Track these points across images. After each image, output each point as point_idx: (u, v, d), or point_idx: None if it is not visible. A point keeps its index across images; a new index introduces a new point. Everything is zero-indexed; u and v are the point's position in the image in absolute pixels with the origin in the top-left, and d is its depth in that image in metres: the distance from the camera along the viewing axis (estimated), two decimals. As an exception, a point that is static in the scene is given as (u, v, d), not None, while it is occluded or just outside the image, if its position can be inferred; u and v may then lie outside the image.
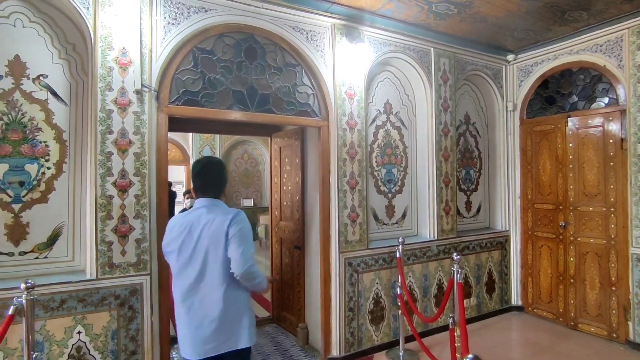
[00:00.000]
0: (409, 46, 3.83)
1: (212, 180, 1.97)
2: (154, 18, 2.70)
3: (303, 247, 3.85)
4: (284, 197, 4.20)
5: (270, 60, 3.16)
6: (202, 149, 10.15)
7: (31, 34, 2.52)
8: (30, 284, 2.02)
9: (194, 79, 2.84)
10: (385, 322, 3.63)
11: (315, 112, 3.37)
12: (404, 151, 4.08)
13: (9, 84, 2.45)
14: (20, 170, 2.47)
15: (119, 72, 2.55)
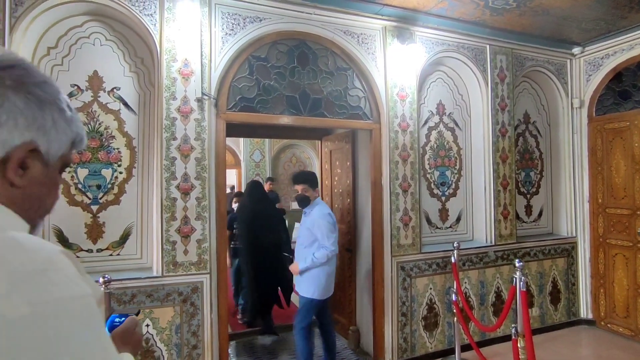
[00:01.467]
0: (462, 44, 3.71)
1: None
2: (213, 30, 2.85)
3: (354, 249, 3.85)
4: (335, 200, 4.23)
5: (322, 65, 3.21)
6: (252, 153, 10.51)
7: (107, 51, 2.77)
8: (107, 278, 2.22)
9: (250, 85, 2.96)
10: (439, 329, 3.52)
11: (367, 115, 3.36)
12: (458, 153, 3.94)
13: (88, 97, 2.72)
14: (98, 174, 2.72)
15: (182, 82, 2.73)
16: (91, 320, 0.49)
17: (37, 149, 0.58)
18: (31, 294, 0.44)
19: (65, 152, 0.62)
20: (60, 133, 0.60)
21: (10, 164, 0.55)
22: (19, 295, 0.43)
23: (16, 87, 0.55)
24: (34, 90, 0.57)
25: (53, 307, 0.45)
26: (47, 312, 0.44)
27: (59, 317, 0.45)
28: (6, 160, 0.55)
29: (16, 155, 0.55)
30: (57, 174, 0.63)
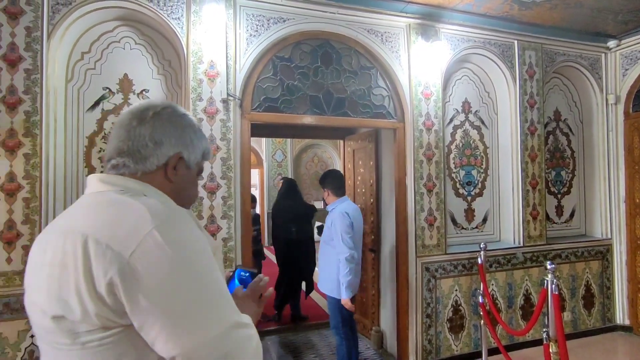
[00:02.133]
0: (489, 41, 3.61)
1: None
2: (238, 31, 2.89)
3: (378, 250, 3.82)
4: (358, 200, 4.21)
5: (346, 64, 3.20)
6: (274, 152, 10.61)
7: (136, 55, 2.86)
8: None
9: (274, 86, 2.98)
10: (465, 332, 3.44)
11: (391, 114, 3.33)
12: (484, 152, 3.85)
13: (119, 99, 2.81)
14: (128, 174, 2.81)
15: (208, 84, 2.78)
16: (205, 255, 0.73)
17: (182, 158, 0.87)
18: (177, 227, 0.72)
19: (199, 160, 0.92)
20: (195, 147, 0.90)
21: (168, 167, 0.85)
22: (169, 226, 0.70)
23: (169, 119, 0.86)
24: (177, 120, 0.88)
25: (184, 235, 0.72)
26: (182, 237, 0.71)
27: (187, 247, 0.70)
28: (166, 165, 0.85)
29: (171, 162, 0.85)
30: (195, 176, 0.93)
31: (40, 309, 0.71)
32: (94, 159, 2.76)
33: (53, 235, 0.74)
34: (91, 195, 0.79)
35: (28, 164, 2.45)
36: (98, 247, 0.65)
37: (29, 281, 0.77)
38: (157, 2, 2.71)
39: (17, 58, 2.46)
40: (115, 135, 0.84)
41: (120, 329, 0.66)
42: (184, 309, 0.66)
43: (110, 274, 0.63)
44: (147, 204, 0.72)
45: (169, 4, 2.74)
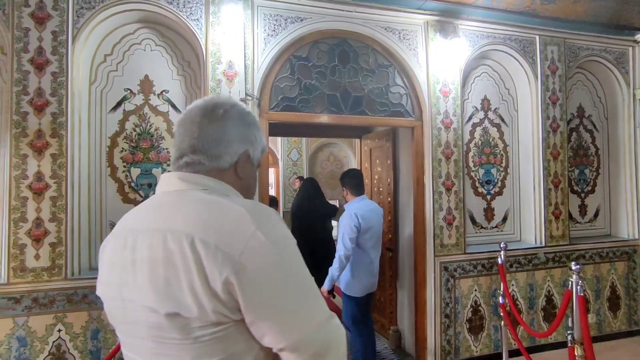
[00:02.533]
0: (509, 36, 3.54)
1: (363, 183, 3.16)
2: (255, 32, 2.91)
3: (395, 249, 3.79)
4: (375, 199, 4.19)
5: (363, 63, 3.19)
6: (289, 152, 10.64)
7: (156, 56, 2.91)
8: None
9: (291, 85, 3.00)
10: (484, 333, 3.39)
11: (409, 112, 3.30)
12: (504, 150, 3.78)
13: (140, 100, 2.87)
14: (149, 174, 2.87)
15: (226, 84, 2.81)
16: (298, 251, 0.77)
17: (249, 155, 0.89)
18: (276, 227, 0.75)
19: (260, 156, 0.94)
20: (258, 144, 0.92)
21: (239, 164, 0.87)
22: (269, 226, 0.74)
23: (238, 117, 0.88)
24: (244, 118, 0.90)
25: (283, 234, 0.75)
26: (282, 236, 0.75)
27: (287, 245, 0.74)
28: (237, 163, 0.87)
29: (241, 159, 0.88)
30: (256, 172, 0.96)
31: (143, 306, 0.73)
32: (116, 158, 2.82)
33: (141, 233, 0.76)
34: (174, 193, 0.80)
35: (55, 163, 2.53)
36: (208, 248, 0.68)
37: (114, 278, 0.79)
38: (177, 3, 2.76)
39: (44, 61, 2.53)
40: (185, 131, 0.85)
41: (231, 323, 0.70)
42: (292, 304, 0.71)
43: (226, 274, 0.67)
44: (243, 205, 0.74)
45: (188, 5, 2.78)
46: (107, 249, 0.84)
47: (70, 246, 2.54)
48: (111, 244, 0.83)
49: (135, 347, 0.78)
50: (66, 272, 2.52)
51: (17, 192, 2.47)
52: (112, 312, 0.81)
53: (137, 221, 0.81)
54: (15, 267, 2.44)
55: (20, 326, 2.44)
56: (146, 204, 0.84)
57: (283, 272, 0.71)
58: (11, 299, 2.42)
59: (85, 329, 2.55)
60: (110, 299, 0.80)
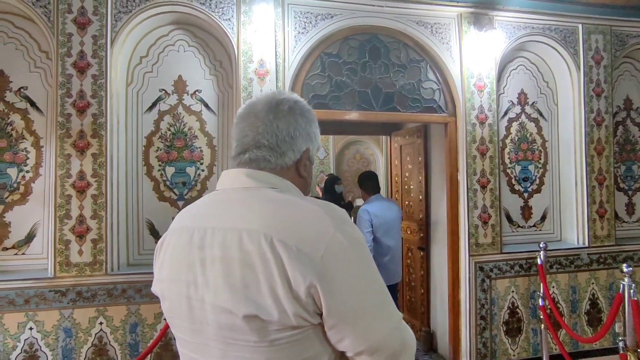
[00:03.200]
0: (549, 26, 3.38)
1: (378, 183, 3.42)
2: (286, 30, 2.91)
3: (427, 248, 3.71)
4: (406, 197, 4.11)
5: (394, 58, 3.13)
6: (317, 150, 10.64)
7: (189, 57, 2.97)
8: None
9: (322, 82, 2.98)
10: (523, 336, 3.26)
11: (441, 108, 3.22)
12: (542, 145, 3.61)
13: (174, 100, 2.93)
14: (183, 172, 2.93)
15: (258, 82, 2.83)
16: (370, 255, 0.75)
17: (310, 152, 0.88)
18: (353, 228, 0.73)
19: (315, 154, 0.92)
20: (316, 142, 0.90)
21: (301, 162, 0.86)
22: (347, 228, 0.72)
23: (301, 114, 0.85)
24: (307, 114, 0.87)
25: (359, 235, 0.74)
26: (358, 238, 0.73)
27: (363, 247, 0.73)
28: (299, 161, 0.85)
29: (303, 157, 0.86)
30: (312, 170, 0.94)
31: (215, 306, 0.71)
32: (151, 157, 2.90)
33: (210, 230, 0.74)
34: (242, 190, 0.78)
35: (95, 163, 2.63)
36: (289, 251, 0.66)
37: (178, 276, 0.77)
38: (209, 4, 2.80)
39: (85, 65, 2.64)
40: (249, 126, 0.82)
41: (309, 326, 0.68)
42: (373, 307, 0.70)
43: (310, 278, 0.65)
44: (319, 205, 0.73)
45: (220, 5, 2.81)
46: (166, 246, 0.82)
47: (110, 243, 2.64)
48: (173, 241, 0.81)
49: (199, 348, 0.76)
50: (106, 267, 2.61)
51: (62, 190, 2.58)
52: (174, 311, 0.79)
53: (202, 218, 0.78)
54: (60, 262, 2.55)
55: (66, 318, 2.55)
56: (210, 201, 0.83)
57: (363, 275, 0.70)
58: (58, 292, 2.54)
59: (125, 323, 2.64)
60: (173, 297, 0.78)
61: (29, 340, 2.52)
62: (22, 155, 2.75)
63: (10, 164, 2.73)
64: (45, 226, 2.73)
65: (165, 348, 2.67)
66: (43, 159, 2.76)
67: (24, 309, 2.50)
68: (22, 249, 2.74)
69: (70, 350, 2.57)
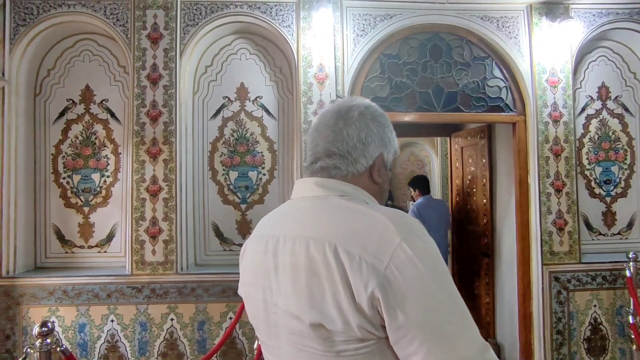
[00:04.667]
0: (638, 10, 3.04)
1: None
2: (345, 33, 2.90)
3: (492, 255, 3.50)
4: (468, 200, 3.92)
5: (457, 57, 2.99)
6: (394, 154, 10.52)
7: (251, 64, 3.07)
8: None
9: (382, 84, 2.93)
10: (608, 356, 2.95)
11: (509, 107, 3.02)
12: (628, 144, 3.26)
13: (237, 107, 3.04)
14: (245, 176, 3.03)
15: (318, 87, 2.85)
16: (445, 266, 0.70)
17: (384, 158, 0.84)
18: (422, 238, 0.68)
19: (391, 159, 0.88)
20: (391, 146, 0.86)
21: (374, 168, 0.83)
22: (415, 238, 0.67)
23: (372, 119, 0.83)
24: (379, 119, 0.85)
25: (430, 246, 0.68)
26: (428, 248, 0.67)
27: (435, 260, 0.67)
28: (372, 167, 0.82)
29: (377, 163, 0.83)
30: (389, 176, 0.90)
31: (286, 311, 0.72)
32: (216, 162, 3.03)
33: (282, 238, 0.76)
34: (312, 199, 0.79)
35: (166, 168, 2.80)
36: (352, 259, 0.65)
37: (257, 280, 0.80)
38: (270, 12, 2.87)
39: (157, 76, 2.82)
40: (320, 135, 0.83)
41: (375, 340, 0.66)
42: (443, 326, 0.63)
43: (371, 288, 0.63)
44: (385, 214, 0.70)
45: (280, 13, 2.88)
46: (247, 252, 0.86)
47: (179, 243, 2.79)
48: (251, 247, 0.85)
49: (274, 351, 0.79)
50: (177, 267, 2.77)
51: (137, 194, 2.78)
52: (254, 314, 0.83)
53: (276, 226, 0.81)
54: (137, 261, 2.75)
55: (142, 313, 2.74)
56: (284, 209, 0.85)
57: (431, 289, 0.64)
58: (134, 288, 2.73)
59: (193, 320, 2.77)
60: (253, 300, 0.82)
61: (110, 331, 2.74)
62: (104, 162, 3.00)
63: (94, 169, 3.00)
64: (123, 227, 2.96)
65: (231, 345, 2.76)
66: (121, 164, 3.00)
67: (106, 303, 2.73)
68: (104, 247, 2.99)
69: (145, 343, 2.75)
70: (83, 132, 3.00)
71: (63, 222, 2.98)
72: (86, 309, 2.73)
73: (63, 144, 2.99)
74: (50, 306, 2.71)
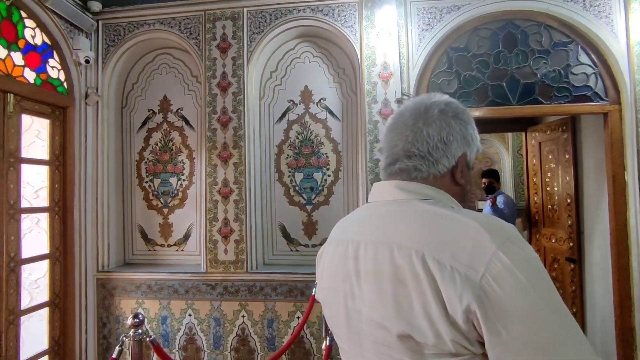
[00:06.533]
0: None
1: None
2: (409, 28, 2.81)
3: (580, 260, 3.17)
4: (548, 200, 3.60)
5: (534, 44, 2.75)
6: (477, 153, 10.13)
7: (314, 67, 3.10)
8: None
9: (449, 79, 2.79)
10: None
11: (599, 95, 2.71)
12: None
13: (301, 110, 3.09)
14: (310, 178, 3.06)
15: (382, 85, 2.79)
16: (548, 275, 0.64)
17: (467, 157, 0.80)
18: (519, 246, 0.62)
19: (474, 158, 0.82)
20: (474, 144, 0.81)
21: (457, 169, 0.78)
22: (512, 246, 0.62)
23: (454, 116, 0.79)
24: (461, 116, 0.80)
25: (530, 254, 0.62)
26: (528, 257, 0.62)
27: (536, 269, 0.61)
28: (454, 168, 0.78)
29: (460, 163, 0.78)
30: (471, 176, 0.84)
31: (371, 319, 0.70)
32: (282, 164, 3.10)
33: (363, 244, 0.74)
34: (394, 203, 0.76)
35: (236, 171, 2.93)
36: (442, 269, 0.61)
37: (337, 286, 0.78)
38: (332, 14, 2.87)
39: (227, 84, 2.96)
40: (398, 136, 0.79)
41: (469, 356, 0.62)
42: (550, 343, 0.57)
43: (467, 301, 0.58)
44: (476, 219, 0.65)
45: (342, 14, 2.87)
46: (325, 257, 0.85)
47: (249, 243, 2.90)
48: (330, 252, 0.83)
49: (355, 357, 0.77)
50: (247, 266, 2.88)
51: (210, 196, 2.94)
52: (334, 320, 0.81)
53: (356, 231, 0.78)
54: (210, 259, 2.90)
55: (216, 309, 2.89)
56: (363, 214, 0.82)
57: (535, 302, 0.58)
58: (209, 285, 2.89)
59: (263, 318, 2.86)
60: (333, 306, 0.80)
61: (188, 324, 2.93)
62: (180, 166, 3.22)
63: (171, 174, 3.23)
64: (198, 227, 3.15)
65: (298, 345, 2.81)
66: (195, 168, 3.20)
67: (184, 298, 2.92)
68: (181, 246, 3.20)
69: (219, 337, 2.90)
70: (162, 139, 3.25)
71: (146, 223, 3.25)
72: (167, 302, 2.95)
73: (145, 150, 3.26)
74: (138, 299, 2.97)
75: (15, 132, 2.48)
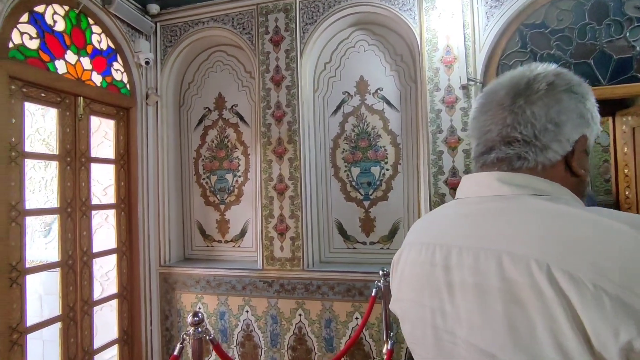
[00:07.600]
0: None
1: None
2: (475, 7, 2.55)
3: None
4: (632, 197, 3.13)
5: (631, 11, 2.37)
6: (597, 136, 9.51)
7: (370, 56, 2.93)
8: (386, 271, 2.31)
9: (522, 60, 2.50)
10: None
11: None
12: None
13: (357, 101, 2.95)
14: (368, 172, 2.92)
15: (445, 71, 2.56)
16: None
17: (586, 140, 0.63)
18: None
19: (593, 142, 0.66)
20: (595, 124, 0.64)
21: (574, 156, 0.63)
22: None
23: (567, 90, 0.63)
24: (577, 89, 0.63)
25: None
26: None
27: None
28: (570, 154, 0.62)
29: (577, 148, 0.63)
30: (589, 164, 0.67)
31: (471, 344, 0.57)
32: (338, 159, 2.99)
33: (456, 249, 0.61)
34: (495, 199, 0.62)
35: (291, 166, 2.86)
36: (580, 287, 0.46)
37: (421, 299, 0.65)
38: (389, -2, 2.69)
39: (280, 78, 2.90)
40: (491, 119, 0.66)
41: None
42: None
43: (627, 336, 0.44)
44: (625, 221, 0.50)
45: (400, -3, 2.68)
46: (403, 262, 0.72)
47: (305, 241, 2.83)
48: (410, 258, 0.69)
49: None
50: (303, 263, 2.81)
51: (265, 192, 2.91)
52: (417, 338, 0.68)
53: (444, 233, 0.65)
54: (267, 256, 2.87)
55: (272, 306, 2.86)
56: (452, 212, 0.67)
57: None
58: (265, 282, 2.87)
59: (320, 317, 2.78)
60: (416, 322, 0.67)
61: (246, 321, 2.93)
62: (236, 163, 3.23)
63: (227, 170, 3.25)
64: (254, 224, 3.14)
65: (358, 347, 2.69)
66: (250, 165, 3.19)
67: (242, 294, 2.92)
68: (237, 242, 3.22)
69: (276, 335, 2.86)
70: (217, 137, 3.28)
71: (204, 219, 3.30)
72: (225, 298, 2.97)
73: (202, 148, 3.32)
74: (197, 294, 3.03)
75: (85, 134, 2.61)
